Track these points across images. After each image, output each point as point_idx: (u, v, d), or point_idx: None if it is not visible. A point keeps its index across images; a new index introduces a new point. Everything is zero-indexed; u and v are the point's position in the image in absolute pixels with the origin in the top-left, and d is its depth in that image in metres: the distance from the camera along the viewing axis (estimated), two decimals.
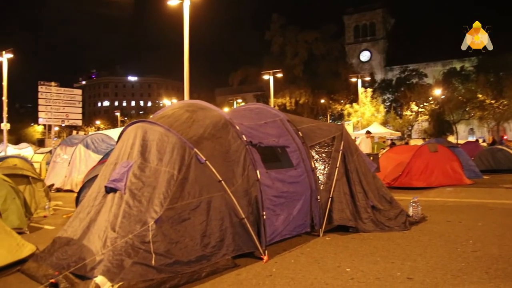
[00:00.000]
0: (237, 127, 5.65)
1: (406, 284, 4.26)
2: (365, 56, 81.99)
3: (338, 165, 6.74)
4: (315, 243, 6.04)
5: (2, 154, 22.14)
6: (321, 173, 6.69)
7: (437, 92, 49.37)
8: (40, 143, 43.91)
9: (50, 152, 21.23)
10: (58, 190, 14.72)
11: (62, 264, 4.51)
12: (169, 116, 5.52)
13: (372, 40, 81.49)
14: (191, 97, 18.05)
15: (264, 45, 62.89)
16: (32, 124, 70.25)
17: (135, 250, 4.18)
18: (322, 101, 59.44)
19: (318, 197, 6.37)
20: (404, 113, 52.95)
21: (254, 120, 6.39)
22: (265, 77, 42.39)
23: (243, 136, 5.59)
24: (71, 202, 10.41)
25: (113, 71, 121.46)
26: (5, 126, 26.90)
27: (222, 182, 5.05)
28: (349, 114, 51.09)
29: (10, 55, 26.48)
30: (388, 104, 57.99)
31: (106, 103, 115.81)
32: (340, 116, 58.53)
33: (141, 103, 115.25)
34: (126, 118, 79.35)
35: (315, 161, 6.67)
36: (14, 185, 8.12)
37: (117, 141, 5.70)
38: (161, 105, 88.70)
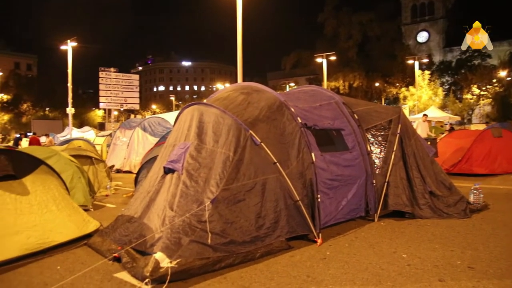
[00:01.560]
0: (292, 109, 5.62)
1: (467, 273, 4.10)
2: (422, 37, 78.25)
3: (394, 149, 6.56)
4: (370, 228, 5.95)
5: (68, 137, 23.47)
6: (377, 156, 6.54)
7: (502, 73, 46.35)
8: (101, 126, 46.06)
9: (110, 135, 22.25)
10: (118, 171, 15.44)
11: (124, 240, 4.76)
12: (224, 98, 5.59)
13: (430, 20, 77.48)
14: (243, 81, 18.12)
15: (317, 28, 61.59)
16: (94, 108, 73.68)
17: (192, 229, 4.31)
18: (377, 84, 57.65)
19: (374, 181, 6.24)
20: (464, 96, 50.27)
21: (309, 102, 6.32)
22: (318, 60, 41.63)
23: (298, 118, 5.56)
24: (130, 182, 10.89)
25: (168, 56, 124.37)
26: (70, 110, 28.43)
27: (277, 164, 5.07)
28: (405, 98, 49.29)
29: (74, 44, 27.80)
30: (447, 87, 55.27)
31: (161, 88, 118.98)
32: (395, 100, 56.61)
33: (195, 87, 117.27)
34: (180, 103, 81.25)
35: (370, 145, 6.52)
36: (80, 165, 8.60)
37: (174, 123, 5.85)
38: (214, 89, 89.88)
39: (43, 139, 22.73)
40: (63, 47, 28.27)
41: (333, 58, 41.47)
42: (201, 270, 4.13)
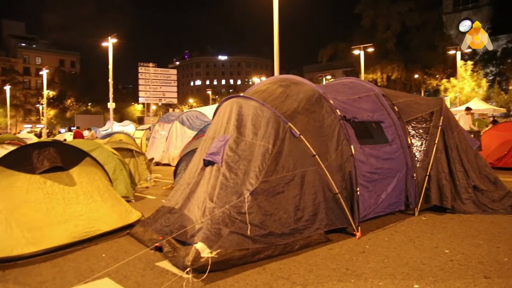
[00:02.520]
0: (331, 102, 5.58)
1: None
2: (465, 26, 74.97)
3: (436, 142, 6.39)
4: (410, 222, 5.83)
5: (109, 130, 24.22)
6: (417, 149, 6.39)
7: None
8: (140, 120, 47.19)
9: (149, 128, 22.77)
10: (157, 163, 15.78)
11: (165, 230, 4.90)
12: (263, 91, 5.60)
13: (474, 8, 74.26)
14: (280, 74, 18.06)
15: (354, 19, 60.43)
16: (133, 103, 75.75)
17: (231, 220, 4.37)
18: (416, 76, 56.11)
19: (414, 175, 6.11)
20: (511, 87, 48.13)
21: (348, 94, 6.25)
22: (355, 52, 40.99)
23: (337, 110, 5.51)
24: (169, 175, 11.14)
25: (204, 51, 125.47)
26: (111, 105, 29.40)
27: (316, 156, 5.05)
28: (445, 90, 47.72)
29: (114, 40, 28.61)
30: (491, 78, 53.07)
31: (198, 82, 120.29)
32: (435, 92, 54.90)
33: (231, 81, 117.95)
34: (217, 96, 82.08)
35: (411, 137, 6.38)
36: (121, 158, 8.86)
37: (213, 116, 5.93)
38: (250, 83, 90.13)
39: (85, 133, 23.53)
40: (104, 44, 29.16)
41: (370, 49, 40.70)
42: (240, 261, 4.19)
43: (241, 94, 5.76)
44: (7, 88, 59.94)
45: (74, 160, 5.86)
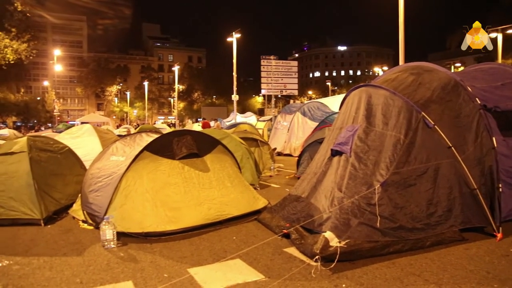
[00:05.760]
0: (469, 89, 5.14)
1: None
2: None
3: None
4: None
5: (233, 121, 25.48)
6: None
7: None
8: (261, 112, 48.83)
9: (270, 120, 23.42)
10: (279, 154, 16.17)
11: (292, 218, 5.02)
12: (393, 79, 5.38)
13: None
14: (405, 63, 17.03)
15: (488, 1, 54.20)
16: (253, 95, 78.62)
17: (361, 211, 4.31)
18: None
19: None
20: None
21: (488, 81, 5.68)
22: (491, 35, 36.91)
23: (476, 99, 5.06)
24: (291, 165, 11.36)
25: (323, 42, 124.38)
26: (235, 97, 30.92)
27: (452, 148, 4.73)
28: None
29: (238, 35, 29.92)
30: None
31: (317, 74, 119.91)
32: None
33: (350, 72, 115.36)
34: (336, 88, 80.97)
35: None
36: (248, 147, 9.26)
37: (340, 106, 5.87)
38: (370, 73, 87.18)
39: (212, 124, 25.04)
40: (228, 39, 30.65)
41: (510, 31, 36.23)
42: (368, 253, 4.13)
43: (370, 83, 5.60)
44: (146, 84, 67.00)
45: (208, 147, 6.30)
